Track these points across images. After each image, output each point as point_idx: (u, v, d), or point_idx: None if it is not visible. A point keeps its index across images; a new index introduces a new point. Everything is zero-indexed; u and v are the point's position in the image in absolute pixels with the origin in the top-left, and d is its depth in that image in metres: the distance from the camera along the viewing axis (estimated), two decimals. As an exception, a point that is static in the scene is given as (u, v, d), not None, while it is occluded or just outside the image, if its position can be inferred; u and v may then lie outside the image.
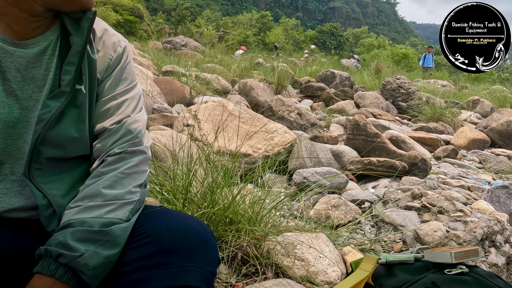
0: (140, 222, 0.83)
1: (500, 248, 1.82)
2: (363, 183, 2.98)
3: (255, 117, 3.28)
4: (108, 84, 0.90)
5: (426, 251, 0.62)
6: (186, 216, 0.88)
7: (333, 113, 6.24)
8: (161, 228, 0.80)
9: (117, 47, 0.92)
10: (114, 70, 0.91)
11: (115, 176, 0.83)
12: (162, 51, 11.05)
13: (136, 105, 0.94)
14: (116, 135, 0.88)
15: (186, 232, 0.80)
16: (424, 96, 7.16)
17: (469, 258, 0.60)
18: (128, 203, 0.82)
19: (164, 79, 5.35)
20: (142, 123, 0.93)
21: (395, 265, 0.61)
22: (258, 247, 1.54)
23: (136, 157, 0.88)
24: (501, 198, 2.46)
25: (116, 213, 0.79)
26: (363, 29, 69.37)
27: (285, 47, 28.54)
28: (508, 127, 4.97)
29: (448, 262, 0.58)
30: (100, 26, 0.92)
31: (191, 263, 0.77)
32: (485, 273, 0.56)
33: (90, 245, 0.74)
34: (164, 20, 52.31)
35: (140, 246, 0.79)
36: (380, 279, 0.60)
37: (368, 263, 0.60)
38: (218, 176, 1.67)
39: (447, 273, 0.56)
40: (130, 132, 0.89)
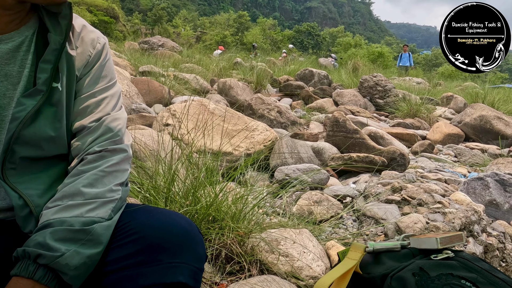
0: (124, 220, 0.82)
1: (477, 238, 1.87)
2: (344, 178, 3.01)
3: (235, 115, 3.26)
4: (87, 81, 0.88)
5: (412, 238, 0.62)
6: (171, 212, 0.87)
7: (313, 111, 6.30)
8: (146, 225, 0.79)
9: (96, 43, 0.90)
10: (93, 67, 0.89)
11: (96, 175, 0.81)
12: (139, 51, 10.88)
13: (116, 103, 0.92)
14: (95, 133, 0.86)
15: (172, 228, 0.79)
16: (400, 93, 7.31)
17: (454, 243, 0.61)
18: (110, 201, 0.80)
19: (141, 79, 5.27)
20: (122, 121, 0.92)
21: (382, 253, 0.61)
22: (242, 244, 1.53)
23: (117, 155, 0.86)
24: (476, 190, 2.53)
25: (97, 212, 0.77)
26: (339, 29, 70.26)
27: (263, 47, 28.63)
28: (481, 121, 5.13)
29: (434, 248, 0.59)
30: (79, 22, 0.90)
31: (178, 260, 0.75)
32: (470, 257, 0.57)
33: (71, 245, 0.72)
34: (140, 21, 51.56)
35: (125, 244, 0.77)
36: (368, 267, 0.60)
37: (356, 252, 0.60)
38: (200, 174, 1.65)
39: (434, 259, 0.57)
40: (110, 130, 0.87)
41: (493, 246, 1.90)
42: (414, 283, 0.52)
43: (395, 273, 0.56)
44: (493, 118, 5.09)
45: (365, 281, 0.59)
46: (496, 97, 7.56)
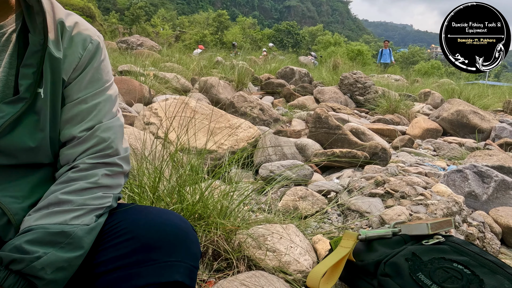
0: (116, 220, 0.79)
1: (459, 228, 1.92)
2: (327, 174, 3.04)
3: (218, 113, 3.24)
4: (77, 86, 0.81)
5: (402, 225, 0.63)
6: (163, 210, 0.84)
7: (294, 109, 6.32)
8: (139, 225, 0.76)
9: (88, 44, 0.82)
10: (84, 70, 0.82)
11: (85, 186, 0.77)
12: (117, 51, 10.70)
13: (110, 109, 0.85)
14: (86, 144, 0.80)
15: (166, 226, 0.77)
16: (380, 89, 7.43)
17: (444, 229, 0.62)
18: (97, 209, 0.76)
19: (121, 78, 5.18)
20: (116, 130, 0.85)
21: (374, 240, 0.62)
22: (229, 241, 1.52)
23: (110, 168, 0.81)
24: (456, 182, 2.59)
25: (83, 219, 0.73)
26: (318, 27, 70.88)
27: (243, 46, 28.61)
28: (458, 116, 5.26)
29: (425, 234, 0.60)
30: (71, 19, 0.82)
31: (173, 258, 0.74)
32: (460, 241, 0.58)
33: (48, 248, 0.68)
34: (118, 20, 50.75)
35: (118, 244, 0.74)
36: (361, 255, 0.61)
37: (349, 240, 0.61)
38: (185, 172, 1.63)
39: (425, 244, 0.58)
40: (103, 140, 0.81)
41: (474, 235, 1.95)
42: (408, 268, 0.53)
43: (388, 259, 0.56)
44: (469, 112, 5.23)
45: (359, 269, 0.60)
46: (471, 92, 7.78)
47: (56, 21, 0.79)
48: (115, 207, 0.83)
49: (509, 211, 2.36)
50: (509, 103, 7.80)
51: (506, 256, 2.13)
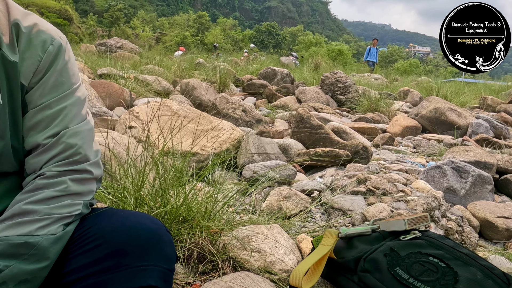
0: (86, 226, 0.76)
1: (438, 223, 1.97)
2: (310, 173, 3.07)
3: (200, 115, 3.24)
4: (39, 91, 0.76)
5: (381, 221, 0.65)
6: (136, 213, 0.82)
7: (277, 109, 6.36)
8: (109, 229, 0.74)
9: (48, 45, 0.77)
10: (46, 74, 0.76)
11: (52, 195, 0.73)
12: (96, 53, 10.54)
13: (77, 113, 0.80)
14: (52, 151, 0.76)
15: (138, 230, 0.75)
16: (360, 89, 7.54)
17: (420, 224, 0.64)
18: (65, 217, 0.73)
19: (100, 82, 5.11)
20: (85, 135, 0.80)
21: (354, 237, 0.64)
22: (214, 243, 1.53)
23: (79, 176, 0.78)
24: (435, 178, 2.66)
25: (49, 229, 0.70)
26: (299, 28, 71.39)
27: (225, 47, 28.57)
28: (436, 113, 5.38)
29: (403, 229, 0.62)
30: (29, 20, 0.77)
31: (146, 262, 0.72)
32: (435, 236, 0.60)
33: (11, 261, 0.65)
34: (96, 22, 49.96)
35: (88, 251, 0.72)
36: (341, 252, 0.62)
37: (329, 238, 0.62)
38: (168, 175, 1.63)
39: (403, 239, 0.60)
40: (70, 146, 0.77)
41: (453, 229, 2.01)
42: (386, 263, 0.54)
43: (367, 256, 0.58)
44: (446, 110, 5.36)
45: (340, 265, 0.61)
46: (448, 90, 7.97)
47: (11, 22, 0.74)
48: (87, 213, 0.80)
49: (486, 205, 2.43)
50: (484, 99, 8.03)
51: (484, 248, 2.20)
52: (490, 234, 2.29)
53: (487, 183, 2.65)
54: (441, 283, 0.49)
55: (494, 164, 3.05)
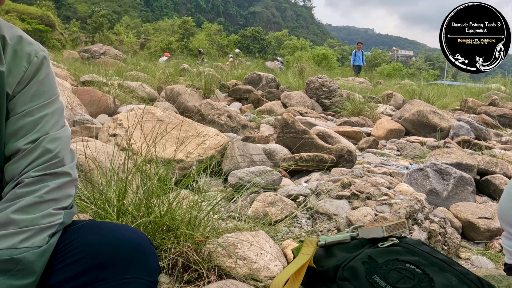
0: (68, 239, 0.76)
1: (421, 225, 2.00)
2: (296, 178, 3.08)
3: (185, 122, 3.22)
4: (22, 99, 0.79)
5: (360, 229, 0.66)
6: (118, 225, 0.82)
7: (262, 114, 6.38)
8: (92, 242, 0.74)
9: (33, 57, 0.82)
10: (29, 83, 0.80)
11: (32, 201, 0.73)
12: (79, 60, 10.42)
13: (56, 121, 0.83)
14: (31, 156, 0.77)
15: (120, 242, 0.75)
16: (345, 93, 7.62)
17: (398, 231, 0.65)
18: (48, 227, 0.73)
19: (83, 89, 5.05)
20: (63, 141, 0.83)
21: (333, 245, 0.64)
22: (199, 251, 1.52)
23: (58, 180, 0.78)
24: (418, 180, 2.70)
25: (33, 241, 0.70)
26: (283, 33, 71.86)
27: (210, 52, 28.56)
28: (419, 116, 5.47)
29: (381, 236, 0.62)
30: (13, 32, 0.81)
31: (129, 275, 0.72)
32: (412, 242, 0.61)
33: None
34: (79, 28, 49.43)
35: (70, 264, 0.72)
36: (321, 261, 0.63)
37: (309, 247, 0.62)
38: (152, 184, 1.61)
39: (381, 246, 0.60)
40: (49, 151, 0.78)
41: (436, 231, 2.04)
42: (364, 271, 0.55)
43: (346, 264, 0.58)
44: (429, 112, 5.46)
45: (319, 274, 0.61)
46: (430, 93, 8.12)
47: None
48: (69, 224, 0.80)
49: (468, 206, 2.48)
50: (465, 102, 8.20)
51: (466, 249, 2.24)
52: (472, 234, 2.33)
53: (468, 184, 2.70)
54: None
55: (475, 165, 3.11)
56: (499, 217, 0.88)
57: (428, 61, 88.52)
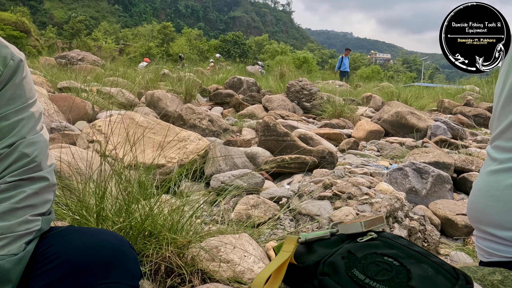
0: (46, 245, 0.75)
1: (402, 223, 2.03)
2: (278, 180, 3.09)
3: (166, 127, 3.20)
4: None
5: (339, 225, 0.67)
6: (98, 230, 0.82)
7: (244, 118, 6.38)
8: (70, 247, 0.73)
9: (9, 60, 0.80)
10: (5, 87, 0.79)
11: (8, 207, 0.72)
12: (56, 66, 10.22)
13: (33, 125, 0.82)
14: (7, 160, 0.75)
15: (99, 247, 0.74)
16: (325, 95, 7.71)
17: (376, 225, 0.66)
18: (25, 235, 0.72)
19: (61, 95, 4.95)
20: (41, 145, 0.81)
21: (314, 242, 0.65)
22: (182, 256, 1.50)
23: (36, 185, 0.77)
24: (398, 179, 2.75)
25: (10, 248, 0.69)
26: (264, 37, 72.33)
27: (190, 57, 28.47)
28: (397, 117, 5.58)
29: (359, 231, 0.63)
30: None
31: (109, 280, 0.71)
32: (390, 236, 0.62)
33: None
34: (56, 34, 48.50)
35: (48, 271, 0.71)
36: (302, 257, 0.63)
37: (290, 244, 0.63)
38: (132, 189, 1.59)
39: (360, 241, 0.61)
40: (26, 155, 0.77)
41: (416, 229, 2.08)
42: (344, 265, 0.56)
43: (326, 259, 0.59)
44: (407, 113, 5.57)
45: (300, 270, 0.62)
46: (408, 94, 8.30)
47: None
48: (47, 231, 0.79)
49: (446, 203, 2.54)
50: (442, 102, 8.42)
51: (446, 245, 2.29)
52: (451, 231, 2.39)
53: (446, 182, 2.77)
54: (395, 282, 0.50)
55: (452, 164, 3.19)
56: (472, 217, 0.86)
57: (406, 63, 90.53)
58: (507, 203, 0.75)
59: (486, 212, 0.79)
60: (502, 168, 0.77)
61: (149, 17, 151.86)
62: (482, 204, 0.81)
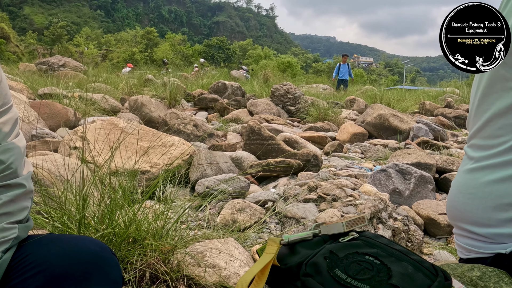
0: (24, 253, 0.73)
1: (386, 223, 2.06)
2: (264, 184, 3.09)
3: (150, 132, 3.17)
4: None
5: (322, 226, 0.67)
6: (78, 237, 0.80)
7: (229, 122, 6.38)
8: (49, 255, 0.72)
9: None
10: None
11: None
12: (37, 73, 10.03)
13: (9, 131, 0.80)
14: None
15: (79, 254, 0.72)
16: (309, 99, 7.77)
17: (358, 225, 0.67)
18: (1, 243, 0.70)
19: (42, 102, 4.86)
20: (17, 151, 0.79)
21: (296, 243, 0.65)
22: (167, 262, 1.49)
23: (12, 192, 0.75)
24: (381, 181, 2.78)
25: None
26: (248, 42, 72.54)
27: (175, 62, 28.32)
28: (380, 119, 5.66)
29: (341, 232, 0.64)
30: None
31: (89, 287, 0.70)
32: (371, 235, 0.63)
33: None
34: (36, 40, 47.66)
35: (27, 279, 0.69)
36: (285, 259, 0.63)
37: (272, 246, 0.63)
38: (116, 196, 1.57)
39: (341, 241, 0.62)
40: (1, 162, 0.75)
41: (400, 229, 2.11)
42: (326, 266, 0.56)
43: (309, 260, 0.59)
44: (390, 116, 5.66)
45: (283, 272, 0.62)
46: (391, 97, 8.44)
47: None
48: (25, 239, 0.77)
49: (429, 203, 2.58)
50: (423, 105, 8.58)
51: (429, 244, 2.33)
52: (434, 230, 2.43)
53: (428, 183, 2.82)
54: (376, 280, 0.51)
55: (434, 164, 3.25)
56: (451, 215, 0.88)
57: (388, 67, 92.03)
58: (483, 200, 0.77)
59: (463, 209, 0.81)
60: (478, 166, 0.80)
61: (132, 22, 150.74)
62: (460, 202, 0.83)
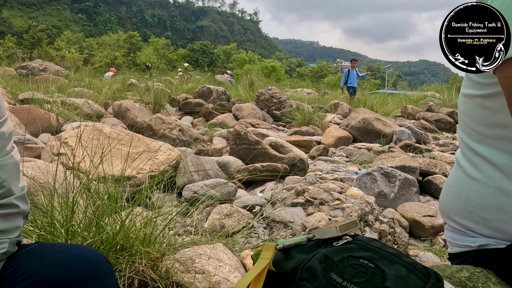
0: (16, 264, 0.72)
1: (372, 226, 2.09)
2: (251, 189, 3.10)
3: (135, 137, 3.14)
4: None
5: (316, 230, 0.68)
6: (72, 246, 0.79)
7: (214, 127, 6.36)
8: (43, 265, 0.70)
9: None
10: None
11: None
12: (16, 77, 9.82)
13: (3, 146, 0.77)
14: None
15: (74, 262, 0.71)
16: (294, 103, 7.82)
17: (351, 229, 0.68)
18: None
19: (22, 107, 4.76)
20: (10, 168, 0.76)
21: (291, 248, 0.66)
22: (156, 269, 1.47)
23: (4, 211, 0.73)
24: (367, 184, 2.82)
25: None
26: (232, 46, 72.68)
27: (159, 67, 28.12)
28: (364, 123, 5.74)
29: (335, 236, 0.65)
30: None
31: None
32: (364, 239, 0.64)
33: None
34: (15, 44, 46.64)
35: None
36: (280, 264, 0.64)
37: (268, 251, 0.64)
38: (102, 202, 1.55)
39: (336, 245, 0.63)
40: None
41: (386, 231, 2.14)
42: (322, 270, 0.57)
43: (304, 264, 0.60)
44: (373, 120, 5.75)
45: (279, 277, 0.63)
46: (374, 101, 8.57)
47: None
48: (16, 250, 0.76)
49: (413, 206, 2.63)
50: (405, 108, 8.74)
51: (415, 246, 2.37)
52: (419, 232, 2.47)
53: (412, 185, 2.87)
54: (372, 283, 0.52)
55: (417, 167, 3.32)
56: (440, 211, 0.95)
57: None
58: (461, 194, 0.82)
59: (446, 203, 0.87)
60: None
61: (115, 26, 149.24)
62: (443, 196, 0.89)
